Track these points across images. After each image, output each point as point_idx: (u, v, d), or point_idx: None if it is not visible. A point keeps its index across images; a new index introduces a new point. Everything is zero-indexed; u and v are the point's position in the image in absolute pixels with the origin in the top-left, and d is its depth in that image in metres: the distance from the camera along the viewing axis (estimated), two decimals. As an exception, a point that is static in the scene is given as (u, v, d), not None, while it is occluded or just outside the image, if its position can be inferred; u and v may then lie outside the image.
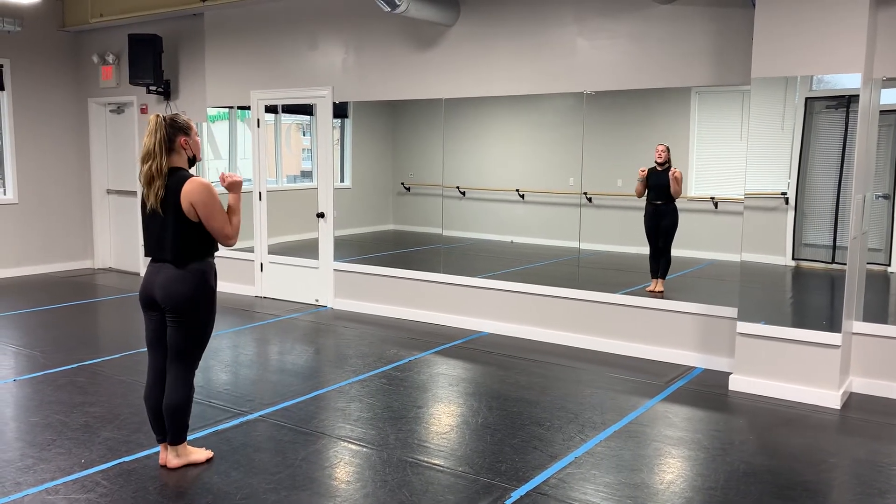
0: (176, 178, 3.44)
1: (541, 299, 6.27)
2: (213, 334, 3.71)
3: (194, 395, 3.71)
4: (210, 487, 3.49)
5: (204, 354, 3.73)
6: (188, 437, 3.73)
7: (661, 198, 5.85)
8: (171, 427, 3.58)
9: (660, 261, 5.96)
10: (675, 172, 5.73)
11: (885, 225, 5.03)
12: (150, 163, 3.42)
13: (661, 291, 5.89)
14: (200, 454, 3.73)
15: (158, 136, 3.42)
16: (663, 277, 5.94)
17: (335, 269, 7.52)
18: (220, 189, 3.59)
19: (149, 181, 3.43)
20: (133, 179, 9.25)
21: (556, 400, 4.76)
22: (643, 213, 5.96)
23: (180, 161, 3.50)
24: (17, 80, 8.91)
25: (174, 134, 3.47)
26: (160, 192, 3.42)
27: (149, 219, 3.51)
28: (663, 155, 5.80)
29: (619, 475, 3.67)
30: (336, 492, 3.47)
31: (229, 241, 3.54)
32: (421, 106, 7.00)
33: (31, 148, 9.10)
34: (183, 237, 3.45)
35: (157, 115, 3.45)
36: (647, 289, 5.94)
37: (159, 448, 3.73)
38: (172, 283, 3.45)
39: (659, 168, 5.83)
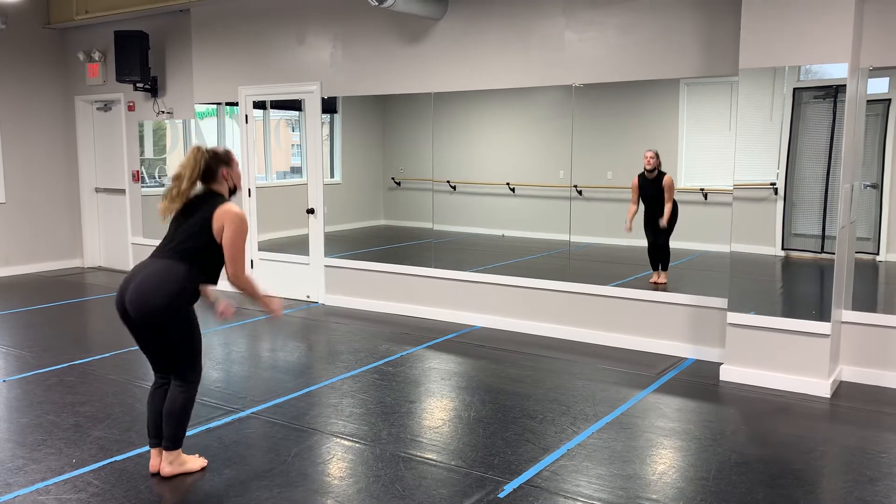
0: (213, 200, 3.47)
1: (532, 292, 6.28)
2: (204, 332, 3.70)
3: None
4: (202, 485, 3.48)
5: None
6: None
7: (655, 206, 5.81)
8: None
9: (658, 254, 5.93)
10: (667, 181, 5.69)
11: (873, 214, 5.06)
12: (177, 184, 3.43)
13: (665, 283, 5.87)
14: (195, 462, 3.63)
15: (195, 167, 3.44)
16: (665, 269, 5.93)
17: (326, 265, 7.51)
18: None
19: (171, 198, 3.43)
20: (121, 177, 9.21)
21: (548, 392, 4.77)
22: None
23: (221, 190, 3.56)
24: (2, 78, 8.84)
25: (216, 165, 3.50)
26: (176, 207, 3.45)
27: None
28: (652, 161, 5.68)
29: (611, 467, 3.68)
30: (329, 488, 3.47)
31: (238, 278, 3.59)
32: (410, 100, 6.98)
33: (17, 147, 9.03)
34: (196, 243, 3.44)
35: (198, 149, 3.47)
36: (651, 280, 5.95)
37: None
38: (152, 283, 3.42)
39: (649, 175, 5.78)
